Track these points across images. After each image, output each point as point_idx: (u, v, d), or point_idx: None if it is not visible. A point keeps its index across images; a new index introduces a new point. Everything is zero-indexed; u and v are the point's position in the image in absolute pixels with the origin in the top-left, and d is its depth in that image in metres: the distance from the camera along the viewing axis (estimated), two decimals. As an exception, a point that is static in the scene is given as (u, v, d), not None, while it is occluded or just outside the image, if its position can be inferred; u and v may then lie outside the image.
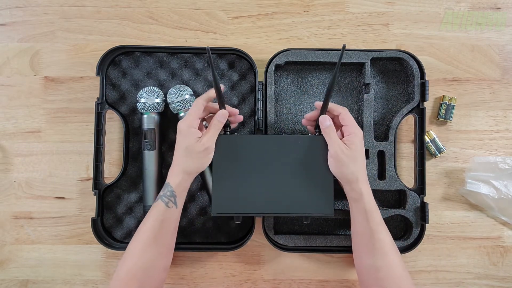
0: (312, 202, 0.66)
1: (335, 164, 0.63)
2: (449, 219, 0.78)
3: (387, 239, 0.62)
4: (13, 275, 0.77)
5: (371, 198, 0.63)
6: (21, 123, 0.78)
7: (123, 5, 0.80)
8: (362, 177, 0.63)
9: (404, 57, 0.75)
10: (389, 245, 0.61)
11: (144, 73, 0.77)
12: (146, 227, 0.63)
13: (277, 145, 0.67)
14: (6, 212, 0.77)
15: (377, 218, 0.62)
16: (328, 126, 0.64)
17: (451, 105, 0.78)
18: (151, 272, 0.62)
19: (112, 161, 0.78)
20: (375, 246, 0.61)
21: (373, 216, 0.62)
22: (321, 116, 0.65)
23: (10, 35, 0.79)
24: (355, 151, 0.63)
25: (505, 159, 0.76)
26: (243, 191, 0.66)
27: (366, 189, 0.63)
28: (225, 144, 0.67)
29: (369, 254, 0.62)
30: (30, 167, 0.78)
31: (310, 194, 0.66)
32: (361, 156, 0.64)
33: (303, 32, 0.80)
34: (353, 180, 0.63)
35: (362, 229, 0.63)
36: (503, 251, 0.78)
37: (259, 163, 0.67)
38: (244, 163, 0.67)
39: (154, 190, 0.73)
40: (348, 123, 0.64)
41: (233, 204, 0.66)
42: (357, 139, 0.64)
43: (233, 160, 0.67)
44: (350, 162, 0.62)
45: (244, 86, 0.78)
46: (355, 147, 0.63)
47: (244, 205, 0.66)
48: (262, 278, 0.77)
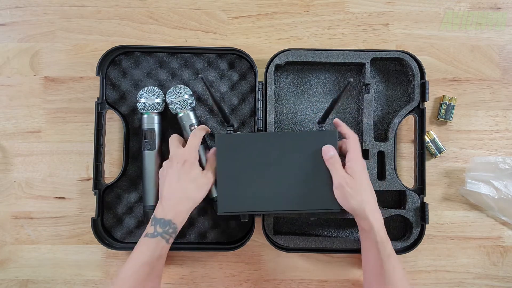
0: (318, 197, 0.66)
1: (341, 196, 0.63)
2: (449, 219, 0.78)
3: (397, 269, 0.61)
4: (13, 275, 0.77)
5: (381, 229, 0.62)
6: (21, 123, 0.78)
7: (123, 5, 0.80)
8: (370, 207, 0.62)
9: (404, 58, 0.75)
10: (400, 275, 0.61)
11: (144, 73, 0.77)
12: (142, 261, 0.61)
13: (280, 141, 0.67)
14: (6, 212, 0.77)
15: (388, 249, 0.61)
16: (332, 157, 0.64)
17: (451, 105, 0.78)
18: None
19: (112, 161, 0.78)
20: (386, 276, 0.60)
21: (384, 247, 0.61)
22: (324, 146, 0.65)
23: (10, 35, 0.79)
24: (359, 180, 0.63)
25: (505, 159, 0.76)
26: (249, 189, 0.66)
27: (376, 219, 0.62)
28: (227, 143, 0.67)
29: (378, 282, 0.61)
30: (30, 167, 0.78)
31: (315, 190, 0.66)
32: (367, 185, 0.64)
33: (303, 32, 0.80)
34: (360, 212, 0.62)
35: (373, 260, 0.62)
36: (503, 251, 0.78)
37: (263, 161, 0.67)
38: (248, 161, 0.67)
39: (154, 190, 0.73)
40: (351, 148, 0.65)
41: (239, 202, 0.66)
42: (358, 166, 0.63)
43: (236, 158, 0.67)
44: (355, 193, 0.62)
45: (244, 86, 0.78)
46: (358, 176, 0.63)
47: (250, 203, 0.66)
48: (262, 278, 0.77)
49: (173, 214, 0.64)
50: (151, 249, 0.62)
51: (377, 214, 0.63)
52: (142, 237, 0.64)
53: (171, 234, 0.63)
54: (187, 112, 0.72)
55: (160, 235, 0.63)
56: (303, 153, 0.67)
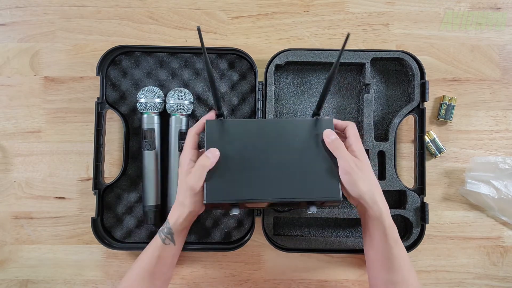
0: (317, 186, 0.61)
1: (349, 181, 0.60)
2: (449, 219, 0.78)
3: (404, 255, 0.61)
4: (13, 275, 0.77)
5: (388, 215, 0.61)
6: (21, 123, 0.78)
7: (123, 5, 0.80)
8: (379, 190, 0.61)
9: (404, 58, 0.75)
10: (406, 261, 0.60)
11: (144, 73, 0.77)
12: (143, 261, 0.63)
13: (274, 128, 0.63)
14: (6, 212, 0.77)
15: (395, 235, 0.61)
16: (334, 140, 0.61)
17: (451, 105, 0.78)
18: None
19: (112, 161, 0.78)
20: (393, 262, 0.60)
21: (392, 233, 0.60)
22: (325, 130, 0.62)
23: (10, 35, 0.79)
24: (366, 162, 0.61)
25: (505, 159, 0.76)
26: (239, 177, 0.61)
27: (384, 206, 0.61)
28: (216, 130, 0.63)
29: (386, 269, 0.60)
30: (30, 167, 0.78)
31: (313, 178, 0.61)
32: (370, 168, 0.62)
33: (303, 32, 0.80)
34: (370, 196, 0.60)
35: (380, 246, 0.61)
36: (503, 251, 0.78)
37: (255, 148, 0.62)
38: (239, 148, 0.62)
39: (154, 190, 0.73)
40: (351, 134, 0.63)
41: (229, 191, 0.60)
42: (361, 148, 0.62)
43: (226, 145, 0.62)
44: (365, 176, 0.60)
45: (244, 86, 0.78)
46: (364, 157, 0.62)
47: (241, 192, 0.60)
48: (262, 278, 0.77)
49: (170, 215, 0.65)
50: (151, 246, 0.64)
51: (383, 199, 0.62)
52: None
53: (166, 235, 0.64)
54: (180, 117, 0.72)
55: (158, 233, 0.65)
56: (298, 141, 0.62)
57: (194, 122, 0.77)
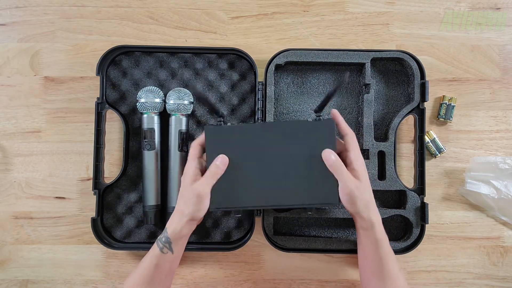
0: (314, 191, 0.63)
1: (349, 201, 0.61)
2: (449, 219, 0.78)
3: (395, 266, 0.62)
4: (13, 275, 0.77)
5: (380, 227, 0.62)
6: (21, 123, 0.78)
7: (123, 5, 0.80)
8: (372, 207, 0.63)
9: (404, 58, 0.75)
10: (397, 270, 0.62)
11: (144, 73, 0.77)
12: (141, 269, 0.63)
13: (274, 132, 0.63)
14: (6, 212, 0.77)
15: (386, 247, 0.62)
16: (335, 161, 0.61)
17: (451, 105, 0.78)
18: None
19: (112, 161, 0.78)
20: (384, 272, 0.61)
21: (383, 244, 0.62)
22: (324, 152, 0.62)
23: (10, 35, 0.79)
24: (365, 182, 0.62)
25: (505, 159, 0.76)
26: (241, 184, 0.63)
27: (376, 218, 0.62)
28: (217, 135, 0.63)
29: (378, 279, 0.62)
30: (30, 167, 0.78)
31: (311, 183, 0.62)
32: (369, 185, 0.63)
33: (303, 32, 0.80)
34: (364, 213, 0.62)
35: (371, 256, 0.63)
36: (503, 251, 0.78)
37: (256, 153, 0.63)
38: (240, 153, 0.63)
39: (154, 190, 0.73)
40: (351, 148, 0.63)
41: (232, 197, 0.63)
42: (362, 166, 0.63)
43: (227, 151, 0.63)
44: (362, 195, 0.61)
45: (244, 86, 0.78)
46: (364, 177, 0.62)
47: (243, 198, 0.63)
48: (262, 278, 0.77)
49: (169, 224, 0.64)
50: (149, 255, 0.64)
51: (377, 213, 0.63)
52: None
53: (164, 244, 0.63)
54: (180, 117, 0.72)
55: (156, 242, 0.64)
56: (299, 145, 0.63)
57: (194, 122, 0.77)
